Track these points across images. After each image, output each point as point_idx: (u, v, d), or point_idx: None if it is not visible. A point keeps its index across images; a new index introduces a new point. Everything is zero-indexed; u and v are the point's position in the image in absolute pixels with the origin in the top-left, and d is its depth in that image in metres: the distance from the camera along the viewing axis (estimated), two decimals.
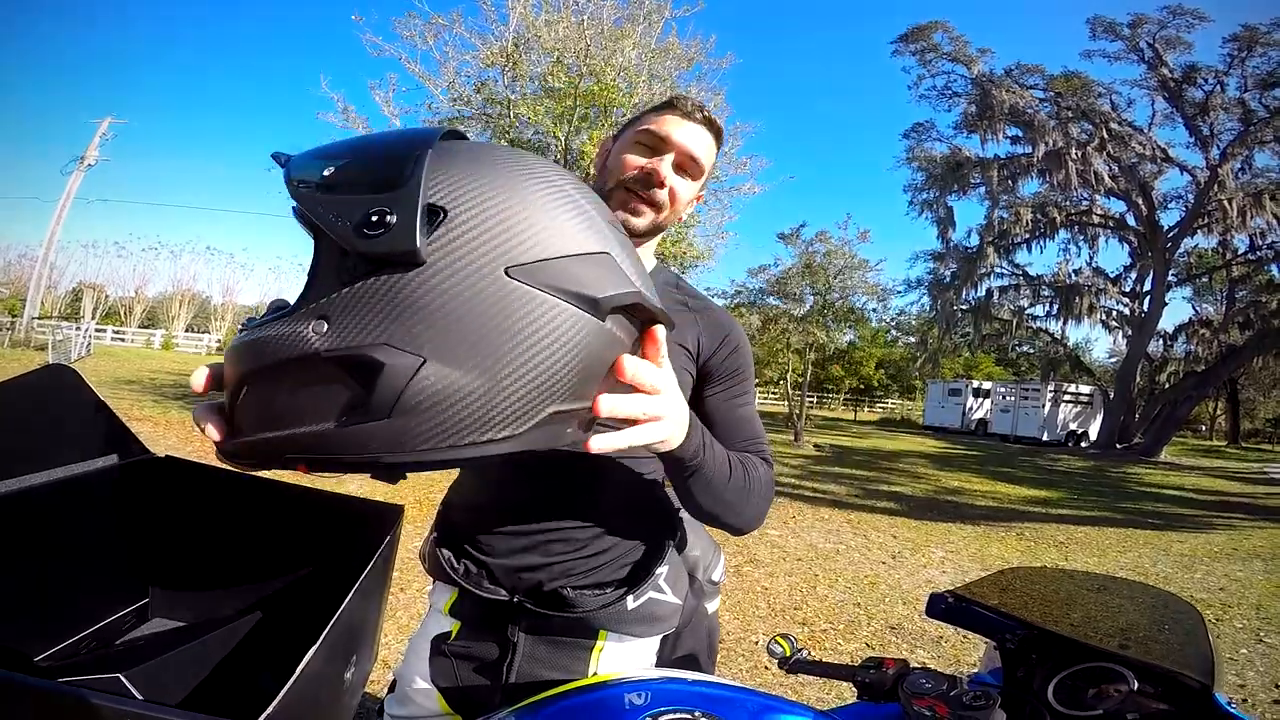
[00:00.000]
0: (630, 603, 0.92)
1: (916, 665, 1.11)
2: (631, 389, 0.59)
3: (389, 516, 0.92)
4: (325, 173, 0.49)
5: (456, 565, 0.95)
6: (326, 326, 0.46)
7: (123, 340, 29.70)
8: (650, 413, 0.63)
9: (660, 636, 0.98)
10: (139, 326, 35.62)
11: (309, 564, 0.94)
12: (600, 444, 0.59)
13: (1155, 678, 0.90)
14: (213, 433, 0.55)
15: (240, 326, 0.52)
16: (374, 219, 0.45)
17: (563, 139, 8.07)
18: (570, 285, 0.49)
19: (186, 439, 8.16)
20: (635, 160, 0.95)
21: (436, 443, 0.48)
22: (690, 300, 1.04)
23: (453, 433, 0.48)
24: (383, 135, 0.55)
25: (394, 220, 0.45)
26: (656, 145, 0.95)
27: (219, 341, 32.46)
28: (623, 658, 0.93)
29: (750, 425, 0.98)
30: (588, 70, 7.55)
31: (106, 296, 38.60)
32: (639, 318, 0.57)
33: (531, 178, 0.51)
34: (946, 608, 1.11)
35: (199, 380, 0.56)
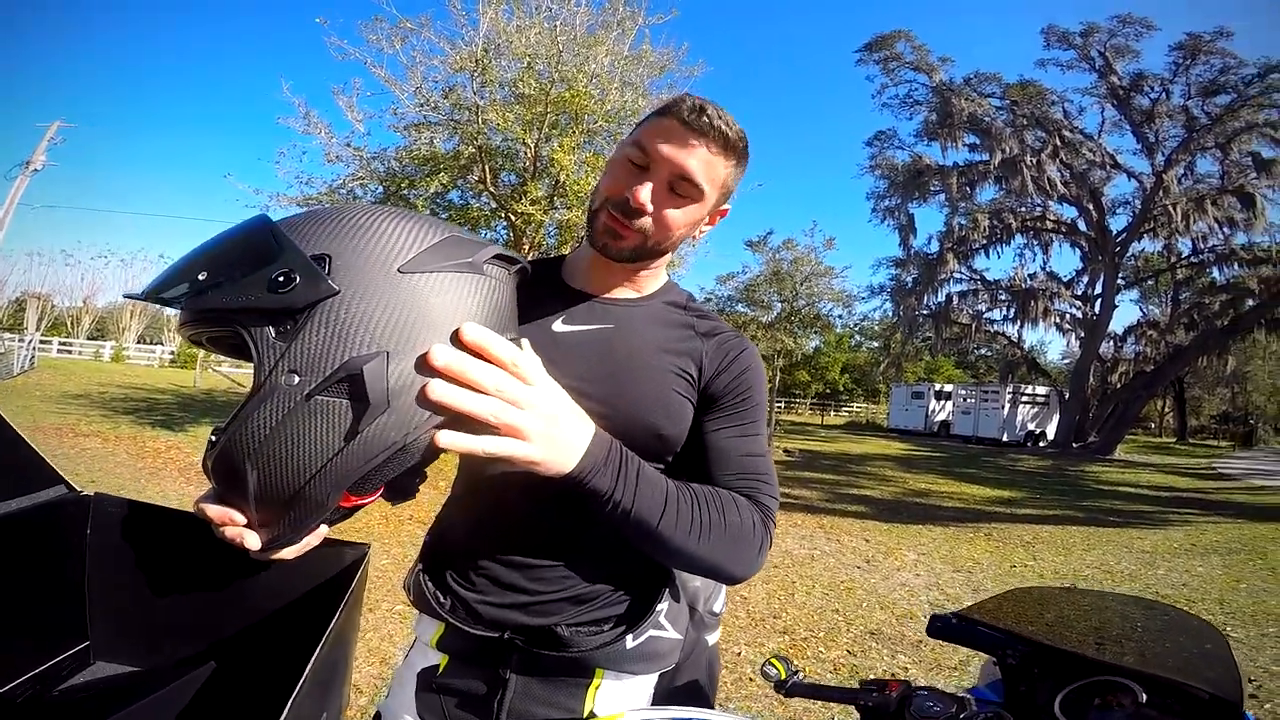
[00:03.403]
0: (629, 642, 0.86)
1: (920, 686, 1.08)
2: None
3: (355, 555, 0.86)
4: (201, 276, 0.57)
5: (443, 600, 0.87)
6: (298, 378, 0.54)
7: (70, 352, 28.42)
8: (502, 421, 0.60)
9: (659, 673, 0.92)
10: (87, 338, 34.19)
11: (270, 605, 0.87)
12: (447, 439, 0.58)
13: (1165, 691, 0.89)
14: (253, 542, 0.59)
15: (211, 439, 0.58)
16: (280, 279, 0.55)
17: (532, 146, 7.98)
18: (446, 260, 0.60)
19: (137, 454, 7.83)
20: (622, 179, 0.84)
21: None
22: (697, 323, 0.94)
23: None
24: (220, 235, 0.62)
25: (296, 275, 0.55)
26: (644, 161, 0.83)
27: (172, 353, 31.32)
28: (620, 695, 0.87)
29: (751, 461, 0.87)
30: (559, 77, 7.48)
31: (53, 306, 36.88)
32: (507, 264, 0.68)
33: (361, 215, 0.61)
34: (948, 628, 1.08)
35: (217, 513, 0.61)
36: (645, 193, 0.81)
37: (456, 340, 0.59)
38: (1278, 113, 18.97)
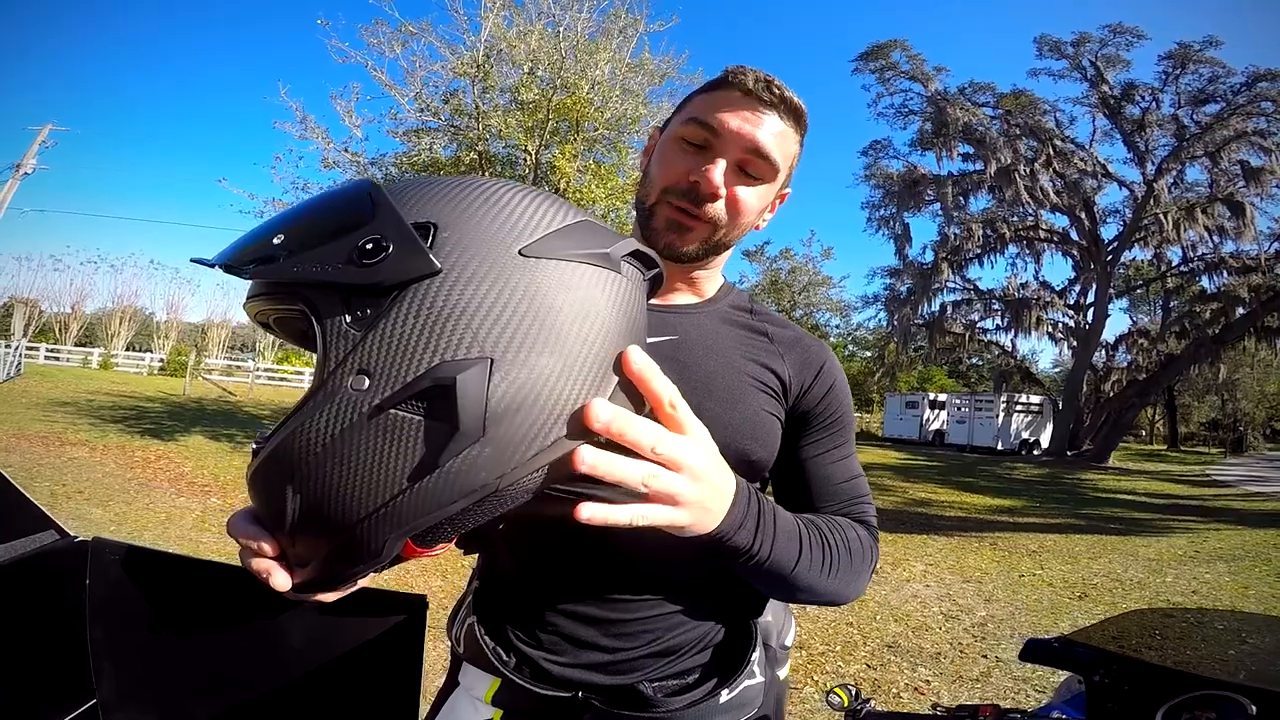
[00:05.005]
0: (724, 696, 0.77)
1: (1011, 709, 1.02)
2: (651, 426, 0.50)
3: (409, 609, 0.76)
4: (276, 240, 0.45)
5: (505, 657, 0.77)
6: (368, 381, 0.42)
7: (58, 359, 27.97)
8: (658, 487, 0.49)
9: None
10: (75, 344, 33.66)
11: (306, 664, 0.78)
12: (590, 512, 0.48)
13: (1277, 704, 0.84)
14: (280, 581, 0.48)
15: (254, 447, 0.47)
16: (369, 247, 0.43)
17: (533, 153, 7.94)
18: (579, 249, 0.47)
19: (126, 464, 7.67)
20: (680, 163, 0.74)
21: (543, 439, 0.44)
22: (771, 329, 0.85)
23: (555, 421, 0.44)
24: (317, 196, 0.52)
25: (389, 245, 0.43)
26: (708, 140, 0.74)
27: (161, 360, 30.98)
28: None
29: (853, 485, 0.81)
30: (561, 83, 7.45)
31: (41, 312, 36.37)
32: (644, 264, 0.55)
33: (482, 183, 0.50)
34: (1048, 652, 1.04)
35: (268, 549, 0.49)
36: (718, 173, 0.72)
37: (619, 366, 0.47)
38: (1266, 121, 19.22)
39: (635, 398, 0.50)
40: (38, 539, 0.84)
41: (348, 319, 0.43)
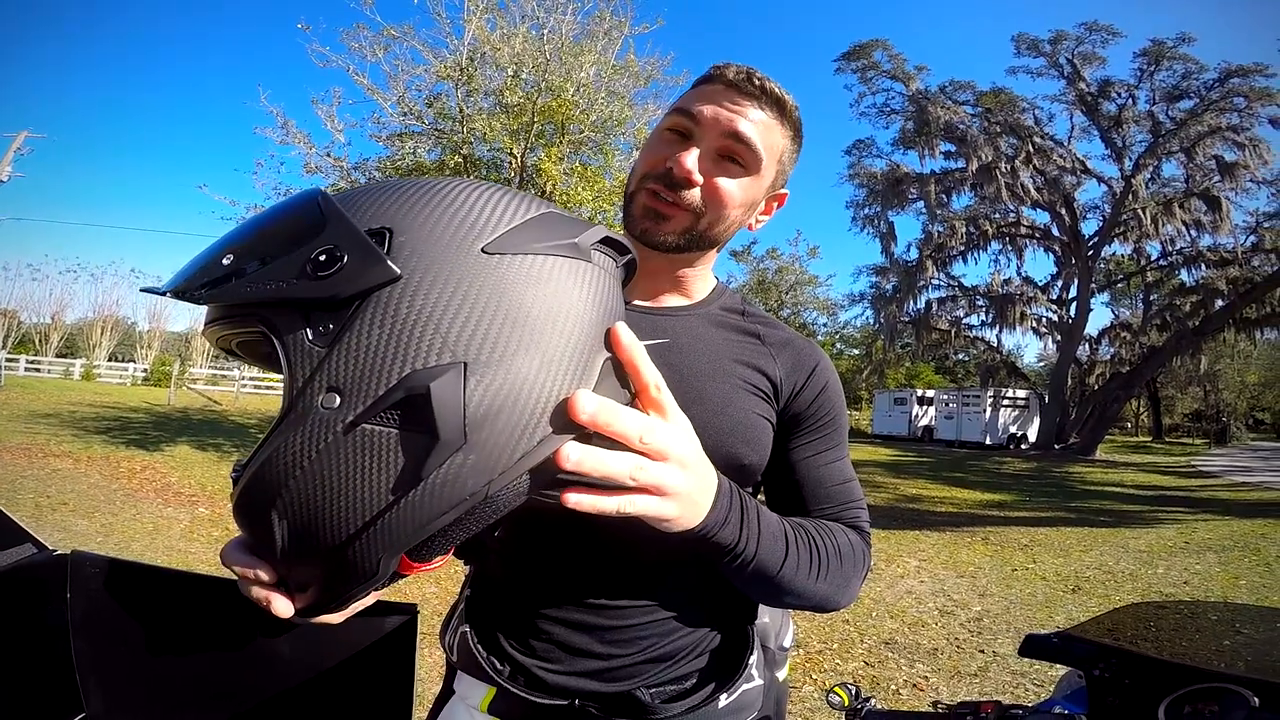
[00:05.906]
0: (723, 700, 0.76)
1: (1013, 705, 1.02)
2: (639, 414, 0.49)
3: (400, 620, 0.74)
4: (226, 261, 0.44)
5: (500, 667, 0.76)
6: (339, 398, 0.41)
7: (38, 370, 27.50)
8: (646, 479, 0.48)
9: None
10: (56, 355, 33.16)
11: (297, 676, 0.76)
12: (578, 499, 0.46)
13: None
14: (282, 607, 0.47)
15: (233, 475, 0.46)
16: (321, 259, 0.41)
17: (518, 156, 7.91)
18: (545, 241, 0.46)
19: (111, 475, 7.56)
20: (662, 151, 0.75)
21: (528, 440, 0.43)
22: (763, 329, 0.84)
23: (538, 421, 0.43)
24: (265, 211, 0.50)
25: (344, 255, 0.41)
26: (689, 129, 0.74)
27: (145, 370, 30.56)
28: None
29: (845, 489, 0.80)
30: (545, 86, 7.44)
31: (19, 323, 35.79)
32: (615, 251, 0.53)
33: (437, 183, 0.48)
34: (1047, 647, 1.04)
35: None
36: (691, 159, 0.72)
37: (609, 341, 0.47)
38: (1239, 116, 19.55)
39: (621, 384, 0.49)
40: (13, 553, 0.82)
41: (309, 335, 0.41)
